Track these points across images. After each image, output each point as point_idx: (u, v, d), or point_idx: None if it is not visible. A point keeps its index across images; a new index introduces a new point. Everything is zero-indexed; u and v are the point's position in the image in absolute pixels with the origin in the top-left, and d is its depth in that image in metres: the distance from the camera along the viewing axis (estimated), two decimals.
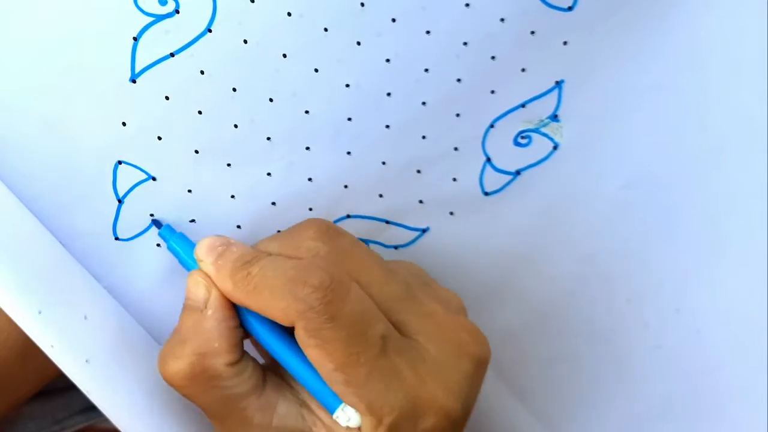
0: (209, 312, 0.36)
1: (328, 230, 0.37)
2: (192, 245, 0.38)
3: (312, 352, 0.34)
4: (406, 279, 0.37)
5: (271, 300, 0.35)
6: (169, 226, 0.39)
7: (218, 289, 0.36)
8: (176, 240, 0.38)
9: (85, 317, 0.37)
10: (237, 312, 0.37)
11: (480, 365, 0.37)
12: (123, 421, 0.38)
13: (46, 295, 0.36)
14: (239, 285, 0.36)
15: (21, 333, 0.35)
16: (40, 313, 0.36)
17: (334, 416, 0.35)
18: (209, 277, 0.36)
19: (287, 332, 0.36)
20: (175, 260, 0.39)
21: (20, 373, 0.40)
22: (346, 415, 0.35)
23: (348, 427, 0.35)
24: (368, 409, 0.35)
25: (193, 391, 0.36)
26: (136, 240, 0.39)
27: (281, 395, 0.37)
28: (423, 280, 0.39)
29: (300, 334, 0.34)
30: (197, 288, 0.36)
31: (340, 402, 0.35)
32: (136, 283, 0.40)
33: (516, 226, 0.43)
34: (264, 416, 0.36)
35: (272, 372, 0.38)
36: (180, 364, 0.36)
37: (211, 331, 0.36)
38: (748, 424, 0.47)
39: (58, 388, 0.47)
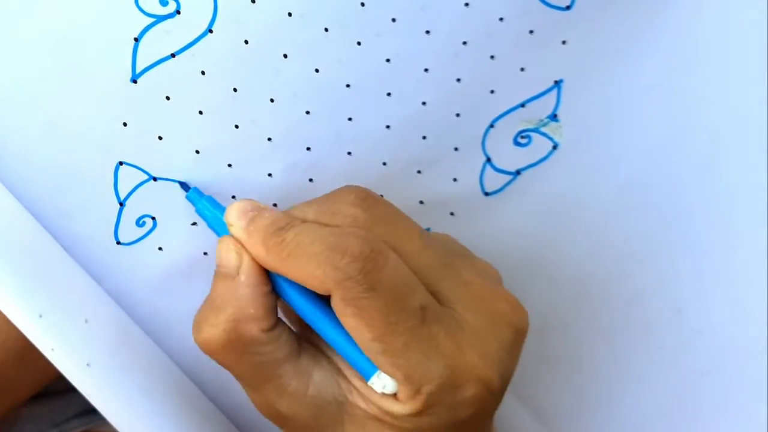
0: (242, 278, 0.35)
1: (367, 197, 0.36)
2: (221, 209, 0.37)
3: (349, 321, 0.34)
4: (445, 248, 0.37)
5: (307, 268, 0.34)
6: (196, 189, 0.38)
7: (250, 255, 0.35)
8: (204, 203, 0.38)
9: (86, 321, 0.37)
10: (269, 278, 0.36)
11: (519, 335, 0.37)
12: (124, 425, 0.38)
13: (47, 298, 0.36)
14: (272, 251, 0.35)
15: (20, 334, 0.35)
16: (40, 316, 0.36)
17: (369, 383, 0.35)
18: (240, 242, 0.36)
19: (321, 298, 0.35)
20: (177, 264, 0.40)
21: (19, 375, 0.40)
22: (382, 381, 0.34)
23: (383, 394, 0.35)
24: (406, 378, 0.34)
25: (229, 358, 0.35)
26: (137, 244, 0.39)
27: (317, 363, 0.36)
28: (460, 251, 0.38)
29: (337, 303, 0.34)
30: (228, 254, 0.36)
31: (376, 369, 0.34)
32: (137, 286, 0.40)
33: (516, 226, 0.43)
34: (299, 383, 0.36)
35: (307, 340, 0.37)
36: (215, 331, 0.35)
37: (246, 297, 0.35)
38: (750, 425, 0.47)
39: (56, 390, 0.47)
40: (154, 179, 0.38)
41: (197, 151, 0.38)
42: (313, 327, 0.36)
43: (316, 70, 0.38)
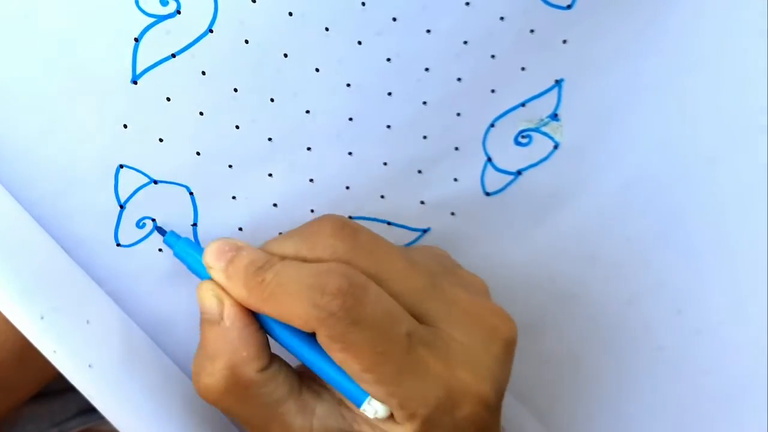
0: (227, 323, 0.35)
1: (345, 227, 0.36)
2: (199, 249, 0.37)
3: (338, 356, 0.34)
4: (429, 268, 0.37)
5: (290, 307, 0.34)
6: (173, 233, 0.38)
7: (232, 297, 0.36)
8: (182, 246, 0.38)
9: (88, 322, 0.37)
10: (255, 316, 0.36)
11: (509, 346, 0.37)
12: (126, 426, 0.38)
13: (48, 300, 0.36)
14: (254, 292, 0.35)
15: (19, 335, 0.35)
16: (42, 318, 0.35)
17: (361, 409, 0.35)
18: (220, 285, 0.36)
19: (309, 333, 0.36)
20: (178, 264, 0.39)
21: (18, 375, 0.40)
22: (373, 408, 0.35)
23: (377, 419, 0.35)
24: (401, 405, 0.34)
25: (231, 403, 0.36)
26: (137, 246, 0.39)
27: (318, 397, 0.37)
28: (445, 265, 0.38)
29: (323, 340, 0.34)
30: (209, 300, 0.36)
31: (366, 396, 0.35)
32: (138, 287, 0.40)
33: (517, 226, 0.43)
34: (304, 419, 0.36)
35: (306, 375, 0.37)
36: (213, 381, 0.35)
37: (236, 341, 0.35)
38: (750, 425, 0.47)
39: (56, 389, 0.47)
40: (155, 182, 0.38)
41: (198, 153, 0.38)
42: (303, 361, 0.36)
43: (317, 70, 0.38)
